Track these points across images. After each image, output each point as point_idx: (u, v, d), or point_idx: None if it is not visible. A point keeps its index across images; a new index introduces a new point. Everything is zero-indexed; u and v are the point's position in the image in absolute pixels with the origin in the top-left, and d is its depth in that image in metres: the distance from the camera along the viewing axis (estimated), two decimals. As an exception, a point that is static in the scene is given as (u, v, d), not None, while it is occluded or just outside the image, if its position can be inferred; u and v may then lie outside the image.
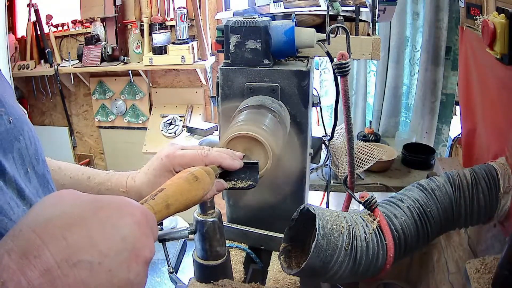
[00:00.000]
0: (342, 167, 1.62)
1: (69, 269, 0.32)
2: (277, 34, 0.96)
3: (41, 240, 0.32)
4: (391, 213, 0.81)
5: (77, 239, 0.33)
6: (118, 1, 2.82)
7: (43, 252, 0.32)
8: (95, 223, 0.35)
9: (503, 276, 0.73)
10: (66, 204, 0.36)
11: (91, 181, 0.69)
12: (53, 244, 0.32)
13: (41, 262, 0.32)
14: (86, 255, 0.33)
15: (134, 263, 0.36)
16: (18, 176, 0.47)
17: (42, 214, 0.35)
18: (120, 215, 0.37)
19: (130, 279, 0.35)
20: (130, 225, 0.37)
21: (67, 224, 0.34)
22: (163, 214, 0.49)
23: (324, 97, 2.48)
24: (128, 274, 0.35)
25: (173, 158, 0.64)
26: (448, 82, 2.28)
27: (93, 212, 0.36)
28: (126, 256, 0.35)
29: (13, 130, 0.48)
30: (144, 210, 0.40)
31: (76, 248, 0.33)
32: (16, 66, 2.91)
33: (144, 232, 0.38)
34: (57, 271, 0.32)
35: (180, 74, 3.02)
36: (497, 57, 0.86)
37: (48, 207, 0.35)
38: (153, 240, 0.40)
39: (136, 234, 0.37)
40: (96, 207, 0.36)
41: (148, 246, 0.38)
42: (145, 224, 0.38)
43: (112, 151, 3.28)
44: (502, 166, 0.87)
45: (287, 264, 0.79)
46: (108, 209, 0.37)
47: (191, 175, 0.56)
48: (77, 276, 0.32)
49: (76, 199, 0.37)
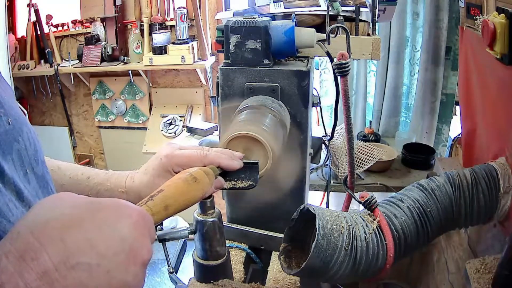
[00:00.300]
0: (342, 167, 1.62)
1: (67, 272, 0.32)
2: (277, 34, 0.95)
3: (39, 243, 0.32)
4: (391, 213, 0.81)
5: (75, 241, 0.33)
6: (118, 1, 2.82)
7: (41, 254, 0.32)
8: (92, 225, 0.35)
9: (503, 276, 0.72)
10: (64, 206, 0.36)
11: (90, 181, 0.69)
12: (51, 246, 0.32)
13: (39, 264, 0.32)
14: (84, 257, 0.33)
15: (132, 265, 0.36)
16: (17, 178, 0.47)
17: (40, 217, 0.35)
18: (118, 217, 0.37)
19: (128, 280, 0.36)
20: (128, 226, 0.37)
21: (65, 226, 0.34)
22: (162, 216, 0.49)
23: (324, 97, 2.48)
24: (126, 276, 0.35)
25: (172, 158, 0.64)
26: (448, 82, 2.28)
27: (90, 214, 0.36)
28: (124, 257, 0.35)
29: (12, 131, 0.48)
30: (141, 211, 0.40)
31: (74, 250, 0.33)
32: (16, 66, 2.91)
33: (142, 233, 0.38)
34: (55, 273, 0.32)
35: (180, 74, 3.02)
36: (497, 57, 0.86)
37: (46, 209, 0.36)
38: (151, 241, 0.40)
39: (133, 236, 0.37)
40: (94, 209, 0.36)
41: (146, 247, 0.38)
42: (143, 225, 0.38)
43: (112, 151, 3.28)
44: (502, 166, 0.87)
45: (287, 264, 0.79)
46: (106, 211, 0.37)
47: (190, 176, 0.56)
48: (76, 278, 0.33)
49: (74, 201, 0.37)
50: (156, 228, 0.85)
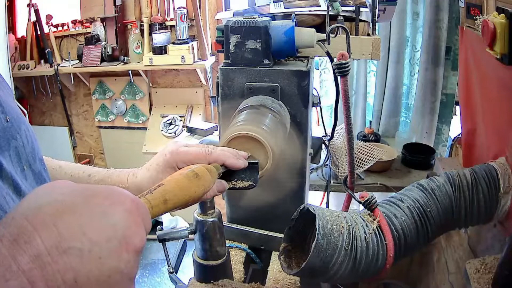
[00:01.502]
0: (342, 167, 1.62)
1: (59, 256, 0.33)
2: (277, 34, 0.96)
3: (33, 227, 0.33)
4: (391, 213, 0.81)
5: (68, 227, 0.34)
6: (118, 1, 2.82)
7: (33, 238, 0.32)
8: (85, 211, 0.35)
9: (503, 276, 0.73)
10: (58, 192, 0.36)
11: (91, 179, 0.69)
12: (44, 231, 0.33)
13: (31, 248, 0.32)
14: (76, 242, 0.34)
15: (124, 251, 0.36)
16: (15, 173, 0.47)
17: (35, 202, 0.35)
18: (111, 203, 0.37)
19: (120, 267, 0.36)
20: (120, 213, 0.37)
21: (58, 212, 0.34)
22: (161, 209, 0.49)
23: (324, 97, 2.48)
24: (118, 263, 0.35)
25: (176, 155, 0.65)
26: (448, 82, 2.28)
27: (83, 200, 0.36)
28: (116, 244, 0.36)
29: (10, 128, 0.49)
30: (135, 199, 0.40)
31: (66, 235, 0.33)
32: (16, 66, 2.91)
33: (135, 220, 0.38)
34: (47, 257, 0.32)
35: (180, 74, 3.02)
36: (497, 57, 0.86)
37: (41, 195, 0.36)
38: (145, 230, 0.40)
39: (126, 222, 0.37)
40: (87, 195, 0.37)
41: (139, 235, 0.38)
42: (136, 213, 0.38)
43: (112, 151, 3.28)
44: (502, 166, 0.87)
45: (287, 264, 0.79)
46: (99, 197, 0.37)
47: (192, 171, 0.56)
48: (67, 262, 0.33)
49: (68, 188, 0.37)
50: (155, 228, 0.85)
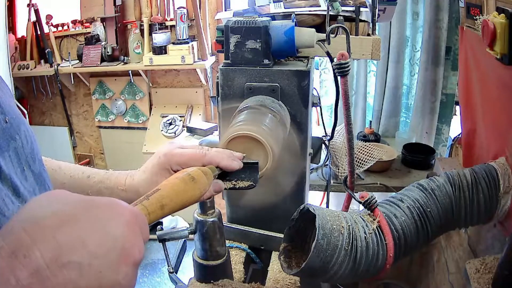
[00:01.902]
0: (342, 167, 1.62)
1: (59, 270, 0.32)
2: (277, 34, 0.96)
3: (31, 240, 0.32)
4: (391, 213, 0.81)
5: (67, 239, 0.33)
6: (118, 1, 2.82)
7: (32, 251, 0.32)
8: (85, 224, 0.35)
9: (503, 276, 0.73)
10: (57, 203, 0.36)
11: (90, 180, 0.69)
12: (44, 243, 0.33)
13: (30, 262, 0.32)
14: (76, 255, 0.33)
15: (123, 264, 0.36)
16: (14, 174, 0.47)
17: (33, 213, 0.35)
18: (110, 215, 0.37)
19: (119, 280, 0.36)
20: (120, 225, 0.37)
21: (58, 224, 0.34)
22: (158, 215, 0.48)
23: (324, 97, 2.48)
24: (117, 276, 0.35)
25: (171, 156, 0.64)
26: (448, 82, 2.28)
27: (83, 212, 0.36)
28: (115, 257, 0.35)
29: (9, 129, 0.49)
30: (134, 210, 0.40)
31: (66, 248, 0.33)
32: (16, 66, 2.91)
33: (134, 232, 0.38)
34: (46, 271, 0.32)
35: (180, 74, 3.02)
36: (497, 57, 0.86)
37: (40, 206, 0.36)
38: (144, 241, 0.40)
39: (125, 234, 0.37)
40: (87, 207, 0.36)
41: (138, 246, 0.38)
42: (135, 224, 0.38)
43: (112, 151, 3.28)
44: (502, 166, 0.87)
45: (287, 264, 0.79)
46: (99, 209, 0.37)
47: (188, 175, 0.56)
48: (67, 276, 0.33)
49: (68, 199, 0.37)
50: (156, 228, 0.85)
